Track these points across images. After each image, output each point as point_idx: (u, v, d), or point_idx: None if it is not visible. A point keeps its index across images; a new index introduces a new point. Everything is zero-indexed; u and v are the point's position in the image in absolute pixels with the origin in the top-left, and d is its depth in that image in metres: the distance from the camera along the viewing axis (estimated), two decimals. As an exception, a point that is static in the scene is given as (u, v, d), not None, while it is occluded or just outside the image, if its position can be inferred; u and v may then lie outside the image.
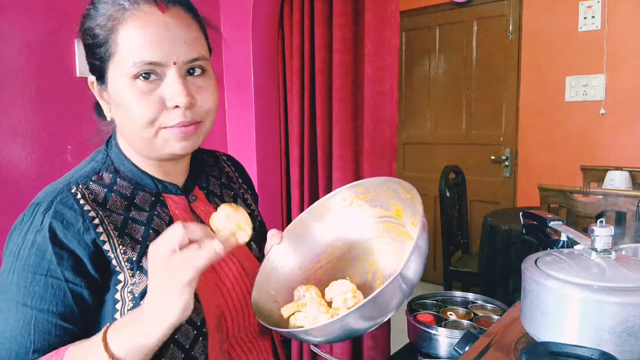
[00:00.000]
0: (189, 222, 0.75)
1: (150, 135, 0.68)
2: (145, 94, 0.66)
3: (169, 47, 0.66)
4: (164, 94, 0.66)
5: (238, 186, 0.93)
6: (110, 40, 0.66)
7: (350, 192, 0.85)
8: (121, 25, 0.65)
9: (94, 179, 0.72)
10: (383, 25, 1.65)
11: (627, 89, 2.80)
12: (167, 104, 0.66)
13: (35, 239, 0.65)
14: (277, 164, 2.03)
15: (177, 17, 0.67)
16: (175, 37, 0.66)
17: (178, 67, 0.66)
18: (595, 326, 0.57)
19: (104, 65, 0.68)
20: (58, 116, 1.40)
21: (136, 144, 0.71)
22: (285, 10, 1.92)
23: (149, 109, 0.66)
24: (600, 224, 0.64)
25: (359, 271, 0.85)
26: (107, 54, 0.67)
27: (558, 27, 3.00)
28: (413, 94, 3.74)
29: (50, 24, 1.38)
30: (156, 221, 0.73)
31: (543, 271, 0.63)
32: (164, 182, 0.77)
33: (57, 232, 0.65)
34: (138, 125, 0.67)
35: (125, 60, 0.65)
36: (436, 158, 3.60)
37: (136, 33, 0.65)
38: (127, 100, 0.66)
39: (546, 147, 3.11)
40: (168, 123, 0.67)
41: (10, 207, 1.29)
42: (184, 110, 0.67)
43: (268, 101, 1.96)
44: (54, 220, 0.66)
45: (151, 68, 0.65)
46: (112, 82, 0.68)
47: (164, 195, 0.76)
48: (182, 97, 0.66)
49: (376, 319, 0.66)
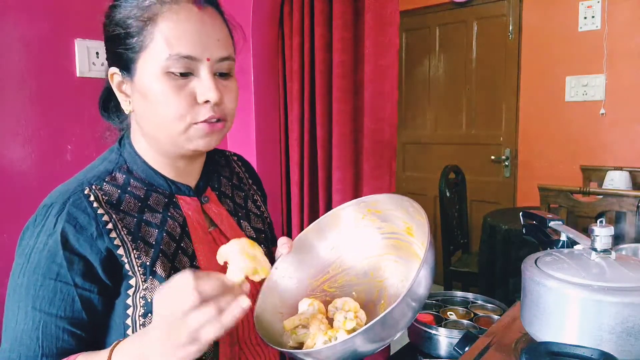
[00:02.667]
0: (202, 223, 0.76)
1: (180, 130, 0.68)
2: (178, 88, 0.66)
3: (204, 43, 0.67)
4: (195, 89, 0.67)
5: (248, 187, 0.92)
6: (144, 32, 0.66)
7: (362, 205, 0.84)
8: (159, 17, 0.66)
9: (107, 180, 0.71)
10: (383, 25, 1.65)
11: (627, 89, 2.80)
12: (198, 99, 0.67)
13: (47, 241, 0.65)
14: (277, 164, 2.03)
15: (211, 15, 0.69)
16: (210, 34, 0.68)
17: (210, 64, 0.68)
18: (595, 326, 0.57)
19: (134, 56, 0.68)
20: (58, 116, 1.40)
21: (161, 138, 0.71)
22: (285, 10, 1.91)
23: (181, 103, 0.66)
24: (600, 224, 0.64)
25: (366, 287, 0.84)
26: (140, 45, 0.67)
27: (558, 27, 3.00)
28: (413, 94, 3.74)
29: (50, 24, 1.38)
30: (170, 223, 0.72)
31: (543, 271, 0.63)
32: (177, 183, 0.76)
33: (69, 237, 0.65)
34: (169, 119, 0.67)
35: (160, 52, 0.66)
36: (436, 158, 3.59)
37: (174, 26, 0.66)
38: (157, 94, 0.67)
39: (546, 147, 3.11)
40: (198, 118, 0.68)
41: (10, 207, 1.29)
42: (212, 106, 0.68)
43: (268, 101, 1.96)
44: (67, 224, 0.65)
45: (186, 62, 0.66)
46: (141, 74, 0.68)
47: (176, 196, 0.76)
48: (213, 93, 0.67)
49: (376, 342, 0.64)
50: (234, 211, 0.84)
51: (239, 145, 1.95)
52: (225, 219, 0.80)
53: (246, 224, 0.84)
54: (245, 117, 1.92)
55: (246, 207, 0.88)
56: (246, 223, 0.84)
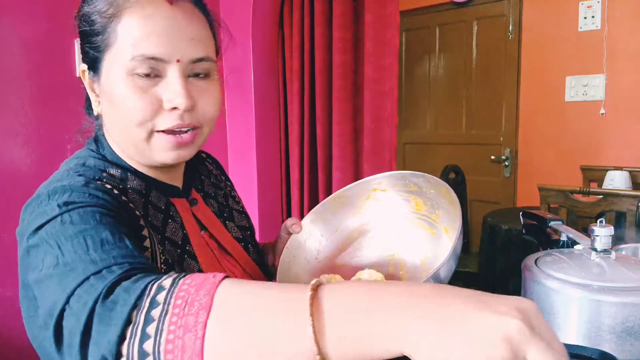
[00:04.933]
0: (195, 226, 0.72)
1: (142, 138, 0.61)
2: (142, 91, 0.59)
3: (174, 42, 0.60)
4: (161, 94, 0.60)
5: (224, 184, 0.89)
6: (109, 29, 0.60)
7: (372, 183, 0.85)
8: (123, 13, 0.59)
9: (105, 175, 0.63)
10: (383, 25, 1.65)
11: (627, 89, 2.80)
12: (164, 105, 0.60)
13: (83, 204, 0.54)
14: (277, 164, 2.03)
15: (185, 11, 0.61)
16: (181, 32, 0.60)
17: (181, 66, 0.60)
18: (595, 326, 0.57)
19: (99, 55, 0.62)
20: (58, 116, 1.40)
21: (125, 146, 0.65)
22: (285, 10, 1.91)
23: (143, 107, 0.59)
24: (600, 224, 0.64)
25: (379, 262, 0.85)
26: (105, 44, 0.61)
27: (558, 27, 3.00)
28: (413, 94, 3.74)
29: (50, 24, 1.38)
30: (171, 224, 0.68)
31: (543, 271, 0.63)
32: (167, 184, 0.71)
33: (109, 201, 0.56)
34: (129, 125, 0.61)
35: (124, 52, 0.59)
36: (436, 158, 3.59)
37: (139, 23, 0.59)
38: (120, 96, 0.60)
39: (546, 147, 3.11)
40: (163, 126, 0.61)
41: (10, 207, 1.29)
42: (181, 113, 0.61)
43: (268, 101, 1.96)
44: (102, 192, 0.57)
45: (151, 64, 0.59)
46: (106, 74, 0.62)
47: (170, 198, 0.71)
48: (182, 99, 0.60)
49: None
50: (219, 212, 0.81)
51: (239, 145, 1.95)
52: (213, 221, 0.77)
53: (232, 225, 0.81)
54: (246, 117, 1.92)
55: (228, 205, 0.85)
56: (232, 224, 0.82)
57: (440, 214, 0.80)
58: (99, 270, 0.46)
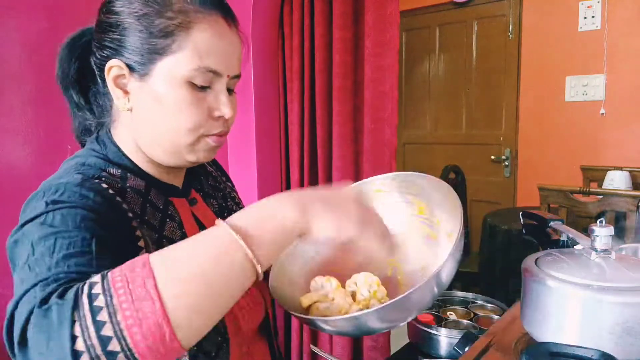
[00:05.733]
0: (194, 226, 0.74)
1: (189, 142, 0.67)
2: (198, 101, 0.65)
3: (229, 61, 0.68)
4: (211, 104, 0.67)
5: (224, 185, 0.91)
6: (174, 37, 0.63)
7: (374, 184, 0.84)
8: (194, 25, 0.64)
9: (104, 174, 0.65)
10: (383, 25, 1.65)
11: (627, 89, 2.80)
12: (214, 113, 0.67)
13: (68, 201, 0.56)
14: (277, 164, 2.03)
15: (237, 35, 0.70)
16: (234, 53, 0.69)
17: (227, 81, 0.68)
18: (595, 326, 0.57)
19: (154, 57, 0.64)
20: (58, 116, 1.40)
21: (163, 146, 0.68)
22: (285, 10, 1.91)
23: (198, 116, 0.66)
24: (600, 224, 0.64)
25: (377, 266, 0.84)
26: (167, 49, 0.63)
27: (558, 27, 3.00)
28: (413, 94, 3.74)
29: (50, 24, 1.38)
30: (169, 224, 0.70)
31: (543, 271, 0.63)
32: (168, 184, 0.74)
33: (96, 205, 0.57)
34: (181, 130, 0.66)
35: (189, 62, 0.63)
36: (436, 158, 3.59)
37: (210, 40, 0.65)
38: (174, 102, 0.64)
39: (546, 147, 3.11)
40: (211, 131, 0.68)
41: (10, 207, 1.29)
42: (224, 121, 0.69)
43: (268, 101, 1.96)
44: (93, 193, 0.58)
45: (209, 77, 0.65)
46: (157, 77, 0.64)
47: (169, 197, 0.73)
48: (229, 110, 0.68)
49: (408, 313, 0.67)
50: (219, 212, 0.82)
51: (239, 146, 1.95)
52: (212, 221, 0.77)
53: None
54: (245, 117, 1.92)
55: (227, 206, 0.87)
56: None
57: (443, 218, 0.80)
58: (47, 277, 0.48)
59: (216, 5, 0.67)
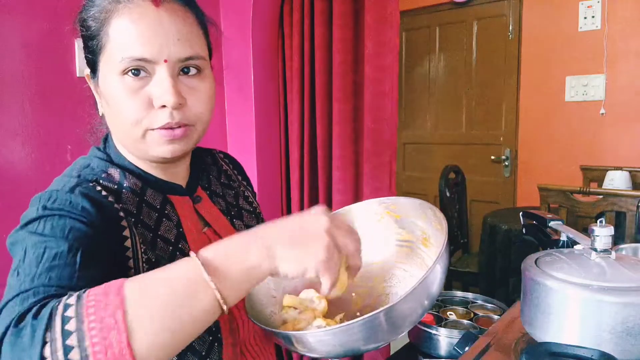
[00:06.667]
0: (196, 223, 0.74)
1: (138, 136, 0.65)
2: (133, 92, 0.62)
3: (161, 43, 0.62)
4: (151, 93, 0.63)
5: (238, 184, 0.91)
6: (101, 33, 0.64)
7: (381, 206, 0.81)
8: (113, 17, 0.63)
9: (104, 176, 0.67)
10: (383, 25, 1.65)
11: (627, 89, 2.80)
12: (154, 103, 0.63)
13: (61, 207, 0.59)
14: (277, 164, 2.03)
15: (172, 11, 0.63)
16: (168, 32, 0.62)
17: (169, 66, 0.63)
18: (595, 326, 0.57)
19: (95, 59, 0.66)
20: (58, 116, 1.40)
21: (126, 143, 0.69)
22: (285, 10, 1.92)
23: (135, 107, 0.63)
24: (600, 224, 0.64)
25: (367, 291, 0.81)
26: (99, 47, 0.64)
27: (558, 27, 3.00)
28: (413, 94, 3.74)
29: (50, 24, 1.38)
30: (165, 223, 0.70)
31: (543, 271, 0.63)
32: (168, 182, 0.74)
33: (88, 209, 0.59)
34: (126, 124, 0.64)
35: (114, 54, 0.62)
36: (436, 158, 3.59)
37: (127, 26, 0.62)
38: (115, 97, 0.64)
39: (546, 147, 3.11)
40: (154, 124, 0.64)
41: (10, 207, 1.29)
42: (170, 111, 0.63)
43: (268, 101, 1.97)
44: (84, 198, 0.60)
45: (140, 64, 0.62)
46: (102, 76, 0.66)
47: (168, 196, 0.73)
48: (170, 96, 0.62)
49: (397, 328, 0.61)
50: (226, 210, 0.82)
51: (239, 145, 1.95)
52: (218, 218, 0.79)
53: (239, 222, 0.83)
54: (245, 117, 1.92)
55: (238, 204, 0.86)
56: (239, 221, 0.83)
57: (431, 239, 0.77)
58: (27, 289, 0.50)
59: None
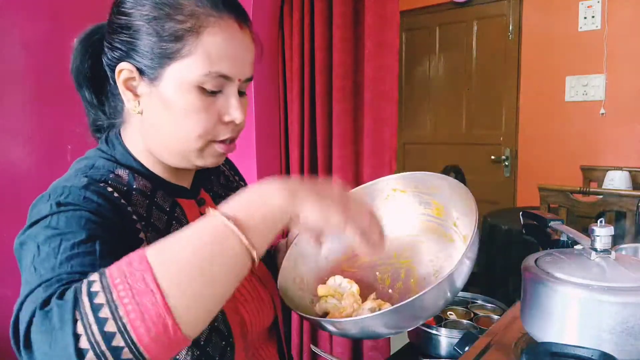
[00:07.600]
0: None
1: (198, 147, 0.66)
2: (208, 106, 0.64)
3: (241, 64, 0.66)
4: (221, 108, 0.66)
5: (236, 185, 0.91)
6: (184, 41, 0.62)
7: (391, 183, 0.83)
8: (205, 29, 0.62)
9: (112, 177, 0.65)
10: (383, 25, 1.65)
11: (627, 89, 2.80)
12: (224, 118, 0.66)
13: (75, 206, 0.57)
14: (277, 164, 2.03)
15: (248, 36, 0.68)
16: (246, 56, 0.67)
17: (239, 85, 0.67)
18: (595, 326, 0.57)
19: (164, 62, 0.63)
20: (58, 116, 1.40)
21: (171, 150, 0.68)
22: (285, 10, 1.91)
23: (207, 121, 0.65)
24: (600, 224, 0.64)
25: (390, 267, 0.83)
26: (177, 53, 0.62)
27: (558, 27, 3.00)
28: (413, 94, 3.74)
29: (50, 24, 1.38)
30: (175, 226, 0.69)
31: (543, 271, 0.63)
32: (176, 185, 0.73)
33: (102, 207, 0.58)
34: (190, 135, 0.65)
35: (200, 66, 0.62)
36: (436, 158, 3.59)
37: (220, 44, 0.63)
38: (183, 107, 0.63)
39: (546, 147, 3.11)
40: (218, 137, 0.67)
41: (10, 207, 1.29)
42: (235, 127, 0.68)
43: (268, 101, 1.96)
44: (98, 197, 0.59)
45: (220, 81, 0.64)
46: (167, 81, 0.63)
47: (177, 199, 0.73)
48: (239, 114, 0.66)
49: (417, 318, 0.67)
50: None
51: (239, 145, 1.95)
52: None
53: None
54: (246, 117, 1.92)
55: None
56: None
57: (459, 220, 0.78)
58: (49, 278, 0.49)
59: (228, 7, 0.64)
